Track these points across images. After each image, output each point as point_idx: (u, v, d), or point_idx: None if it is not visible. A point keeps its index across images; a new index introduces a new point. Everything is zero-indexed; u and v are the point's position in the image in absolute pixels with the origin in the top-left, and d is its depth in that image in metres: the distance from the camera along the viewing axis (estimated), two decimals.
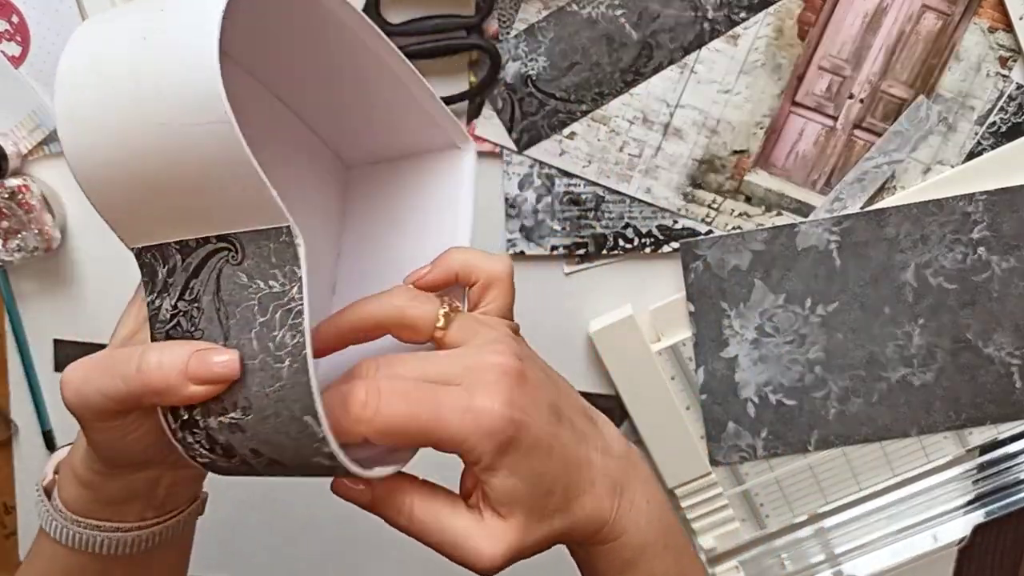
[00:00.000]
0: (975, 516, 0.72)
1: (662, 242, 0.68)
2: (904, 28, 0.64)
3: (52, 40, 0.64)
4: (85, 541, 0.43)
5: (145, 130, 0.37)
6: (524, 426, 0.41)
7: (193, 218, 0.40)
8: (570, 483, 0.44)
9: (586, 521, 0.45)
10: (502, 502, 0.42)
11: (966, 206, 0.66)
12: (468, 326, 0.43)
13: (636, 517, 0.46)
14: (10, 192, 0.65)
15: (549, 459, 0.43)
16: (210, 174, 0.37)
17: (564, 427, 0.44)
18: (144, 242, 0.41)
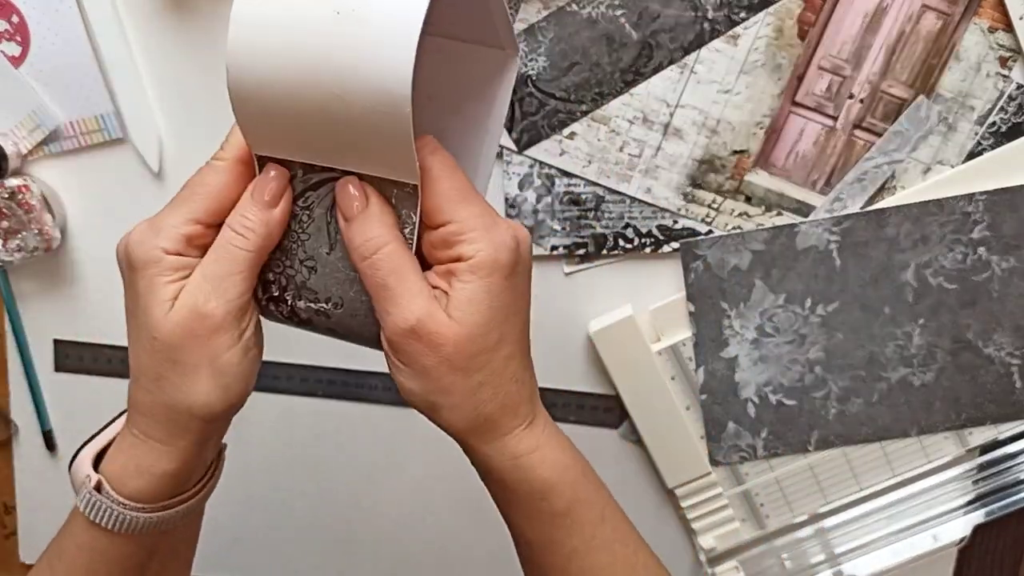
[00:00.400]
0: (975, 516, 0.72)
1: (662, 242, 0.68)
2: (904, 28, 0.64)
3: (52, 40, 0.64)
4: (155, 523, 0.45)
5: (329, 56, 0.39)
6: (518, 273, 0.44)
7: (328, 149, 0.42)
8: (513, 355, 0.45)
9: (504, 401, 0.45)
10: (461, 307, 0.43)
11: (966, 206, 0.66)
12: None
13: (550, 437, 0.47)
14: (10, 192, 0.65)
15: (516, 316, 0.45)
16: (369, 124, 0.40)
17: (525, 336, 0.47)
18: (269, 152, 0.44)
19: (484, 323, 0.43)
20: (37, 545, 0.77)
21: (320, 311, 0.46)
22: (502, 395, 0.45)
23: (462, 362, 0.43)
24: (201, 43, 0.66)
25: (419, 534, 0.77)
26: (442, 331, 0.43)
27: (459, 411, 0.45)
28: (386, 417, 0.73)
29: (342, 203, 0.44)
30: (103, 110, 0.66)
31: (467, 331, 0.43)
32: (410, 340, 0.43)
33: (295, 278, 0.46)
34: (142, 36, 0.66)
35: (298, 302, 0.46)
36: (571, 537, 0.47)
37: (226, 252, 0.43)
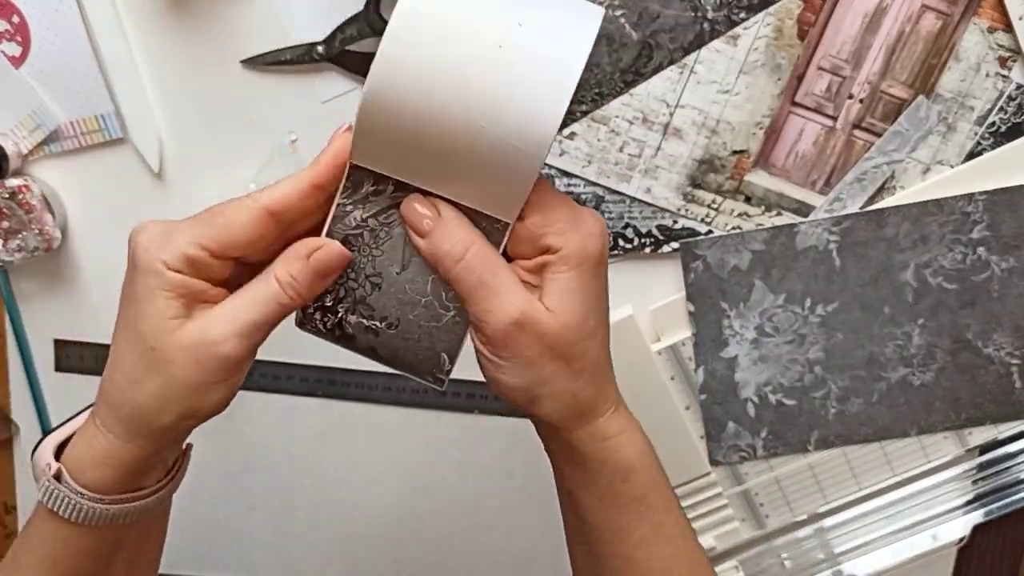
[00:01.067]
0: (975, 516, 0.72)
1: (662, 242, 0.68)
2: (904, 28, 0.64)
3: (52, 40, 0.64)
4: (112, 516, 0.45)
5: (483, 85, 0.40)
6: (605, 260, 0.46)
7: (439, 174, 0.43)
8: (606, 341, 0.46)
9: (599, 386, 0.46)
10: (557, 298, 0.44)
11: (966, 206, 0.66)
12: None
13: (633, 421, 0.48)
14: (10, 192, 0.65)
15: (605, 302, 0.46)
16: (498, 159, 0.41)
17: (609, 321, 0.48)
18: (368, 164, 0.44)
19: (581, 312, 0.44)
20: None
21: (370, 328, 0.46)
22: (599, 380, 0.46)
23: (564, 350, 0.44)
24: (201, 43, 0.66)
25: (419, 534, 0.77)
26: (544, 320, 0.43)
27: (560, 400, 0.45)
28: (386, 417, 0.73)
29: (413, 221, 0.44)
30: (103, 110, 0.66)
31: (566, 320, 0.44)
32: (515, 333, 0.43)
33: (356, 291, 0.46)
34: (142, 36, 0.66)
35: (350, 316, 0.46)
36: (642, 524, 0.48)
37: (265, 302, 0.43)
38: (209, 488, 0.76)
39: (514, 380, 0.45)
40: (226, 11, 0.65)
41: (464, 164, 0.42)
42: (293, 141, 0.66)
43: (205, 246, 0.43)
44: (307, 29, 0.65)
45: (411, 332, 0.46)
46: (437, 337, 0.47)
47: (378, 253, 0.45)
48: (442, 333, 0.46)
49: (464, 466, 0.75)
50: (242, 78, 0.66)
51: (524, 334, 0.43)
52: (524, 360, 0.44)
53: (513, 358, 0.44)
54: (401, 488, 0.76)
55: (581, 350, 0.45)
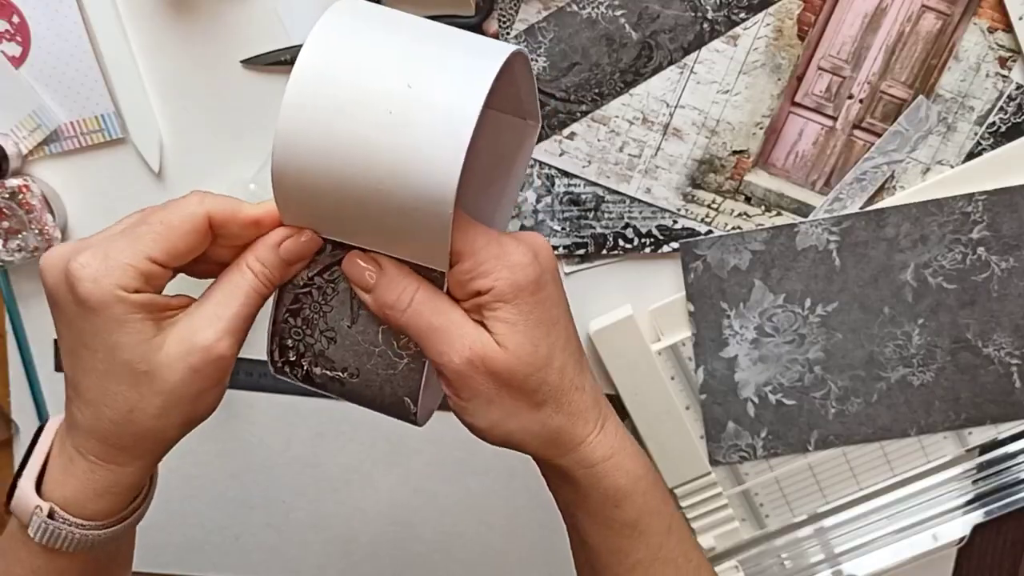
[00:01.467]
0: (974, 516, 0.72)
1: (662, 242, 0.68)
2: (904, 28, 0.64)
3: (52, 40, 0.64)
4: (108, 537, 0.45)
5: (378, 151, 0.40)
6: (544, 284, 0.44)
7: (363, 233, 0.43)
8: (566, 365, 0.45)
9: (570, 411, 0.45)
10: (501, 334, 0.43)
11: (966, 206, 0.66)
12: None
13: (623, 443, 0.47)
14: (11, 192, 0.65)
15: (556, 326, 0.45)
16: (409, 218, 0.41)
17: (572, 341, 0.46)
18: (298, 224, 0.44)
19: (529, 343, 0.44)
20: None
21: (335, 378, 0.47)
22: (566, 406, 0.45)
23: (519, 384, 0.44)
24: (201, 43, 0.66)
25: (419, 534, 0.77)
26: (494, 356, 0.43)
27: (530, 432, 0.45)
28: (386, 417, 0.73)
29: (356, 278, 0.44)
30: (103, 110, 0.66)
31: (514, 353, 0.43)
32: (471, 371, 0.43)
33: (314, 347, 0.47)
34: (142, 36, 0.66)
35: (314, 368, 0.47)
36: (638, 548, 0.47)
37: (246, 294, 0.43)
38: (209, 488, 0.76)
39: (479, 420, 0.45)
40: (226, 11, 0.65)
41: (382, 224, 0.42)
42: None
43: (154, 259, 0.42)
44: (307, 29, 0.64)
45: (372, 380, 0.47)
46: (396, 384, 0.47)
47: (328, 309, 0.46)
48: (400, 379, 0.47)
49: (464, 466, 0.75)
50: (242, 78, 0.66)
51: (478, 372, 0.43)
52: (484, 399, 0.44)
53: (473, 398, 0.44)
54: (401, 488, 0.76)
55: (536, 381, 0.44)
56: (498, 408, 0.44)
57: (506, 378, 0.43)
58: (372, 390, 0.48)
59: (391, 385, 0.47)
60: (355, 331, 0.46)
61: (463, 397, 0.44)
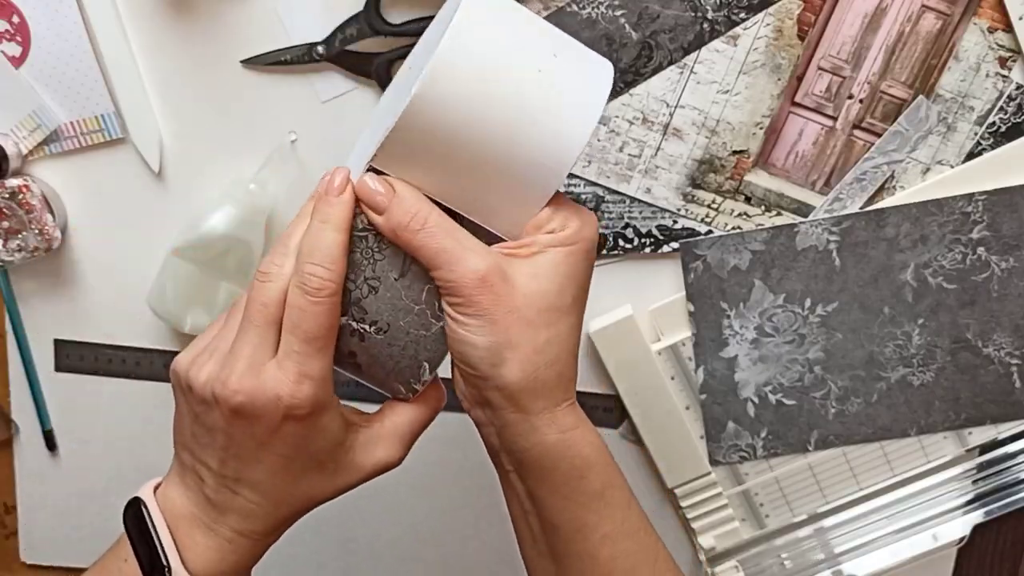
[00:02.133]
0: (975, 516, 0.72)
1: (662, 242, 0.68)
2: (904, 28, 0.64)
3: (52, 40, 0.64)
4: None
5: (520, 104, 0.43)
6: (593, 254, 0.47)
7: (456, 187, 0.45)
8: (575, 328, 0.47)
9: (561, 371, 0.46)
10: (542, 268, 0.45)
11: (966, 206, 0.66)
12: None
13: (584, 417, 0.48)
14: (11, 192, 0.65)
15: (584, 292, 0.47)
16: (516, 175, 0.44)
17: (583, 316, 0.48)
18: (388, 170, 0.45)
19: (560, 285, 0.45)
20: (37, 545, 0.77)
21: (358, 331, 0.47)
22: (561, 363, 0.46)
23: (532, 316, 0.45)
24: (201, 43, 0.66)
25: (419, 534, 0.77)
26: (517, 280, 0.44)
27: (522, 366, 0.45)
28: None
29: (368, 197, 0.45)
30: (103, 110, 0.66)
31: (543, 286, 0.45)
32: (482, 289, 0.44)
33: (352, 292, 0.47)
34: (142, 36, 0.66)
35: (340, 317, 0.47)
36: (603, 521, 0.48)
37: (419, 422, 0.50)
38: None
39: (479, 339, 0.45)
40: (226, 11, 0.65)
41: (486, 179, 0.44)
42: (293, 141, 0.66)
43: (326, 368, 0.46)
44: (307, 29, 0.65)
45: (399, 339, 0.47)
46: (423, 346, 0.48)
47: (379, 257, 0.46)
48: (428, 342, 0.48)
49: (464, 466, 0.75)
50: (242, 78, 0.66)
51: (491, 291, 0.44)
52: (490, 318, 0.44)
53: (479, 315, 0.44)
54: (401, 488, 0.76)
55: (550, 319, 0.45)
56: (503, 331, 0.44)
57: (522, 302, 0.44)
58: (393, 349, 0.47)
59: (416, 346, 0.47)
60: (400, 285, 0.46)
61: (469, 315, 0.45)
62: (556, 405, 0.47)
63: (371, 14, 0.63)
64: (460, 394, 0.49)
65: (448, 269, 0.44)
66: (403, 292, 0.46)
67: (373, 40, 0.64)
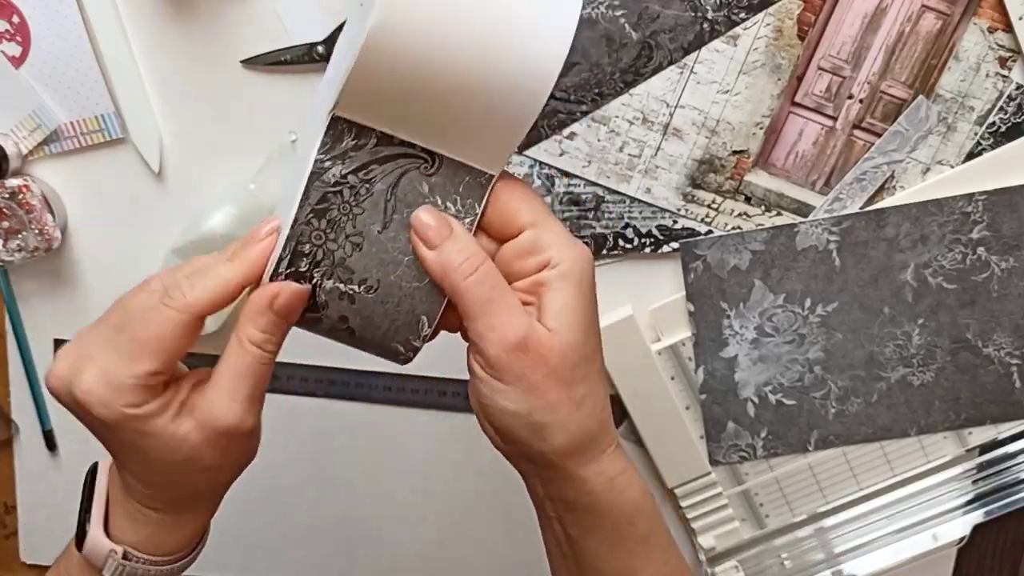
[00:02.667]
0: (975, 516, 0.72)
1: (662, 242, 0.68)
2: (904, 28, 0.64)
3: (52, 40, 0.64)
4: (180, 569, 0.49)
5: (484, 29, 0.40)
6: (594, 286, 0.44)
7: (428, 124, 0.42)
8: (600, 368, 0.45)
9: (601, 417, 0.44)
10: (556, 316, 0.43)
11: (966, 206, 0.66)
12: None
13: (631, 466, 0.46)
14: (11, 192, 0.65)
15: (597, 327, 0.45)
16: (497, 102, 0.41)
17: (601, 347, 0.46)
18: (353, 116, 0.42)
19: (581, 331, 0.43)
20: (37, 545, 0.77)
21: (346, 294, 0.44)
22: (599, 409, 0.44)
23: (566, 374, 0.42)
24: (201, 43, 0.66)
25: (419, 534, 0.77)
26: (546, 342, 0.42)
27: (565, 429, 0.43)
28: (386, 417, 0.73)
29: (424, 232, 0.43)
30: (103, 110, 0.66)
31: (567, 340, 0.42)
32: (519, 355, 0.42)
33: (334, 253, 0.44)
34: (142, 36, 0.66)
35: (326, 281, 0.44)
36: (648, 565, 0.46)
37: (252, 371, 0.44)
38: None
39: (516, 406, 0.43)
40: (226, 11, 0.65)
41: (461, 109, 0.41)
42: (293, 141, 0.66)
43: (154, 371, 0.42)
44: (307, 29, 0.65)
45: (391, 295, 0.44)
46: (419, 299, 0.45)
47: (359, 211, 0.43)
48: (424, 294, 0.44)
49: (464, 466, 0.75)
50: (242, 78, 0.66)
51: (528, 356, 0.42)
52: (527, 384, 0.42)
53: (516, 382, 0.42)
54: (401, 488, 0.76)
55: (582, 374, 0.43)
56: (541, 396, 0.42)
57: (556, 364, 0.42)
58: (387, 306, 0.44)
59: (411, 300, 0.44)
60: (384, 237, 0.44)
61: (505, 380, 0.42)
62: (602, 452, 0.45)
63: None
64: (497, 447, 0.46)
65: (487, 325, 0.42)
66: (388, 244, 0.44)
67: None
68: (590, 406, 0.44)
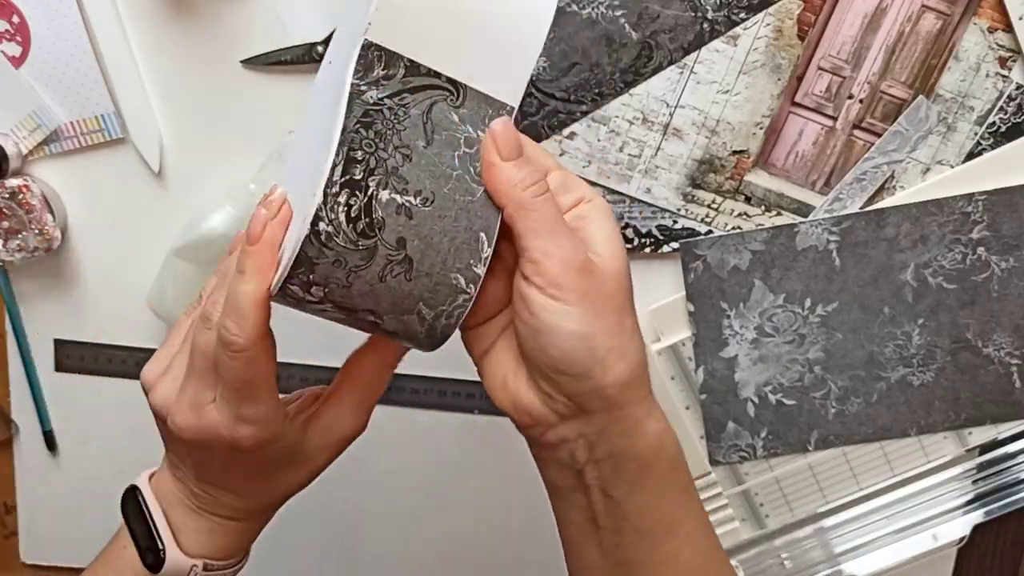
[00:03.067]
0: (975, 516, 0.72)
1: (662, 242, 0.68)
2: (904, 28, 0.64)
3: (52, 40, 0.64)
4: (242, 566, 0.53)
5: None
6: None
7: (447, 50, 0.44)
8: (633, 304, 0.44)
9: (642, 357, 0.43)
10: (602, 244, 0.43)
11: (966, 206, 0.66)
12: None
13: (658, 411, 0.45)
14: (11, 192, 0.65)
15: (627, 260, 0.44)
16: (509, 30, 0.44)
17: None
18: (383, 42, 0.43)
19: (624, 260, 0.43)
20: (37, 545, 0.77)
21: (403, 206, 0.42)
22: (641, 344, 0.43)
23: (621, 300, 0.42)
24: (201, 43, 0.66)
25: (420, 534, 0.77)
26: (602, 267, 0.42)
27: (625, 356, 0.42)
28: (386, 417, 0.73)
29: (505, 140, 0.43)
30: (103, 110, 0.66)
31: (619, 267, 0.42)
32: (586, 275, 0.41)
33: (387, 161, 0.42)
34: (142, 36, 0.66)
35: (382, 191, 0.42)
36: (689, 516, 0.45)
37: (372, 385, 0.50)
38: None
39: (583, 327, 0.40)
40: (226, 11, 0.65)
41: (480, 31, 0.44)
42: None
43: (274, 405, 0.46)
44: (307, 29, 0.65)
45: (448, 208, 0.43)
46: (474, 213, 0.43)
47: (401, 128, 0.43)
48: (478, 208, 0.43)
49: (464, 466, 0.75)
50: (242, 78, 0.66)
51: (593, 278, 0.41)
52: (592, 305, 0.41)
53: (581, 303, 0.41)
54: (401, 488, 0.76)
55: (630, 304, 0.43)
56: (601, 322, 0.41)
57: (612, 289, 0.42)
58: (446, 221, 0.43)
59: (468, 215, 0.43)
60: (431, 152, 0.43)
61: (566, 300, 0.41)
62: (648, 392, 0.43)
63: None
64: (533, 419, 0.44)
65: (554, 244, 0.41)
66: (436, 159, 0.43)
67: None
68: (639, 337, 0.43)
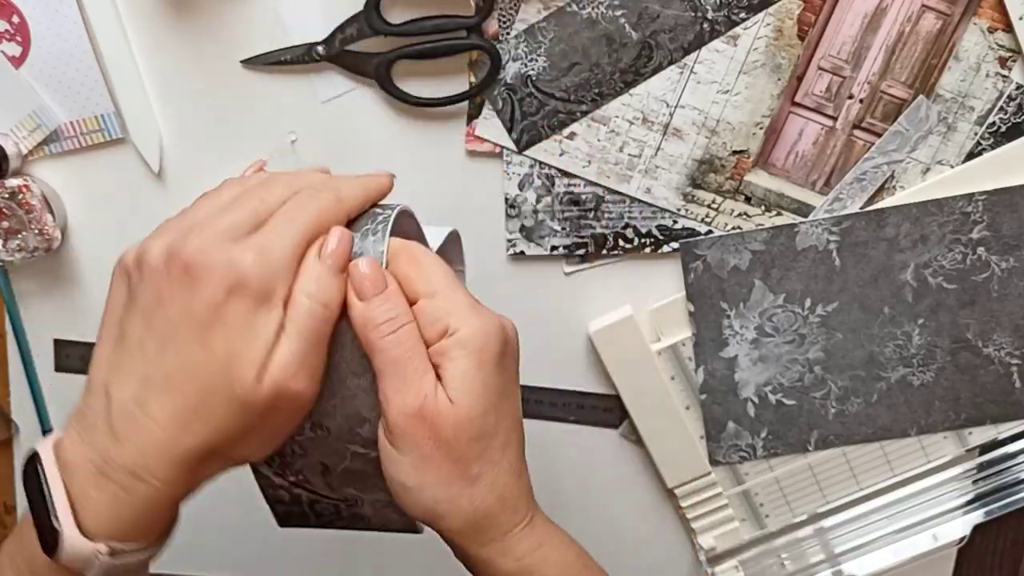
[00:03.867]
0: (975, 516, 0.72)
1: (662, 242, 0.68)
2: (904, 28, 0.64)
3: (52, 40, 0.64)
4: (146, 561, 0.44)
5: None
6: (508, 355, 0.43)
7: None
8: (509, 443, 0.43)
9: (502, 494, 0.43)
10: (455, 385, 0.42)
11: (966, 206, 0.66)
12: None
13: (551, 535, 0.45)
14: (10, 192, 0.65)
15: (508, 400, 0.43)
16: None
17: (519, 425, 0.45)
18: None
19: (480, 403, 0.42)
20: None
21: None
22: (499, 487, 0.43)
23: (460, 448, 0.42)
24: (201, 43, 0.66)
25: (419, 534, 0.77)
26: (443, 412, 0.41)
27: (457, 509, 0.42)
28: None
29: (360, 282, 0.42)
30: (103, 110, 0.66)
31: (464, 411, 0.41)
32: (414, 422, 0.41)
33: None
34: (142, 36, 0.66)
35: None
36: None
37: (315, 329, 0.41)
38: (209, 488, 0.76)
39: (407, 479, 0.42)
40: (226, 11, 0.65)
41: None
42: (293, 141, 0.66)
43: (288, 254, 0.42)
44: (307, 29, 0.65)
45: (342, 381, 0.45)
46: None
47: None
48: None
49: None
50: (242, 78, 0.66)
51: (423, 425, 0.41)
52: (418, 456, 0.41)
53: (409, 452, 0.42)
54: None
55: (479, 450, 0.42)
56: (431, 472, 0.42)
57: (448, 437, 0.41)
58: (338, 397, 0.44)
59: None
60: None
61: (399, 447, 0.42)
62: (506, 533, 0.43)
63: (371, 14, 0.63)
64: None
65: (393, 387, 0.41)
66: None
67: (373, 40, 0.64)
68: (488, 484, 0.42)
